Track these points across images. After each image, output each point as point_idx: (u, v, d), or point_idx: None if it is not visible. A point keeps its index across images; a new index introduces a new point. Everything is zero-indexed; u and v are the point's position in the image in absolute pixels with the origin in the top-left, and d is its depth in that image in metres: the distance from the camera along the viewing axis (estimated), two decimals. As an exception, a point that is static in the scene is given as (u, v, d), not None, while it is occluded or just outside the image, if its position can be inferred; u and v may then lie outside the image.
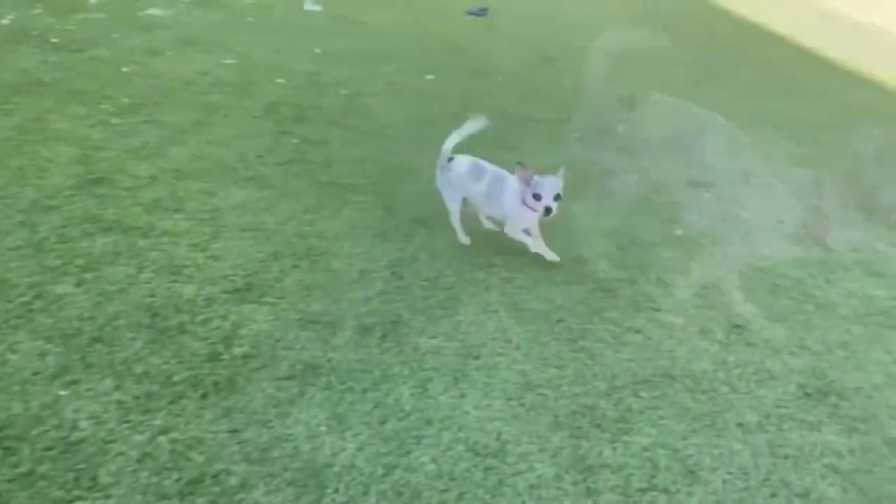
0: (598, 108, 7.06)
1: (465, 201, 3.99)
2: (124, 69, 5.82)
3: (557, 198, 3.57)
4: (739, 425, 2.81)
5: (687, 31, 12.24)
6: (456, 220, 4.00)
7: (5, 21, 6.68)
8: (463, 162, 3.91)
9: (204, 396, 2.60)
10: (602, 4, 12.01)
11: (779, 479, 2.55)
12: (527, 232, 3.89)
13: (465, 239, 3.98)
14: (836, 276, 4.11)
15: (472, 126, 3.92)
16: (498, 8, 11.87)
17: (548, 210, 3.55)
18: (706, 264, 4.11)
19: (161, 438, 2.38)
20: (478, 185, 3.85)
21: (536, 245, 3.87)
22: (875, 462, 2.68)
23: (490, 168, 3.87)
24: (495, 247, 4.03)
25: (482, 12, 11.25)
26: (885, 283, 4.07)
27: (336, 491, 2.29)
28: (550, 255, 3.87)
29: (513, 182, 3.75)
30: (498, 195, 3.81)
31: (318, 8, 9.20)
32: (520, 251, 4.01)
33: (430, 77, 7.41)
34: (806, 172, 5.80)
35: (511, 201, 3.76)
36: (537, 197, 3.57)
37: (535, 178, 3.60)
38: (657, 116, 7.04)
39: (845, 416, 2.91)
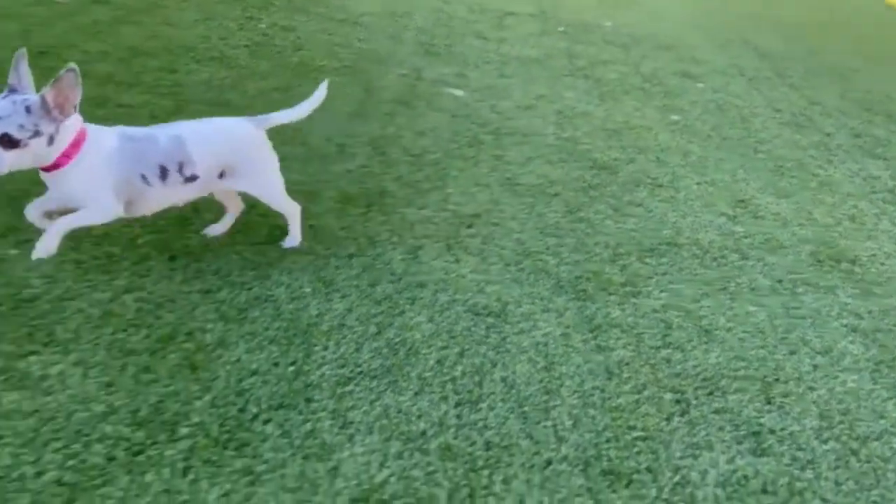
0: (580, 5, 6.72)
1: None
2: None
3: (8, 142, 1.85)
4: (752, 289, 2.64)
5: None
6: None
7: None
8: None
9: (172, 259, 2.32)
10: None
11: (797, 337, 2.40)
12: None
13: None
14: (837, 158, 3.95)
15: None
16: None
17: None
18: (706, 147, 3.91)
19: (126, 297, 2.11)
20: None
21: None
22: (895, 323, 2.54)
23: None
24: (483, 125, 3.76)
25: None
26: (887, 165, 3.91)
27: (325, 348, 2.07)
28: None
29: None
30: None
31: None
32: (512, 129, 3.75)
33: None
34: (799, 67, 5.59)
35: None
36: None
37: None
38: (645, 13, 6.73)
39: (860, 281, 2.76)
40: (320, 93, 2.44)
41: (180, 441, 1.70)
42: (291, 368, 1.98)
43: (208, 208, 2.54)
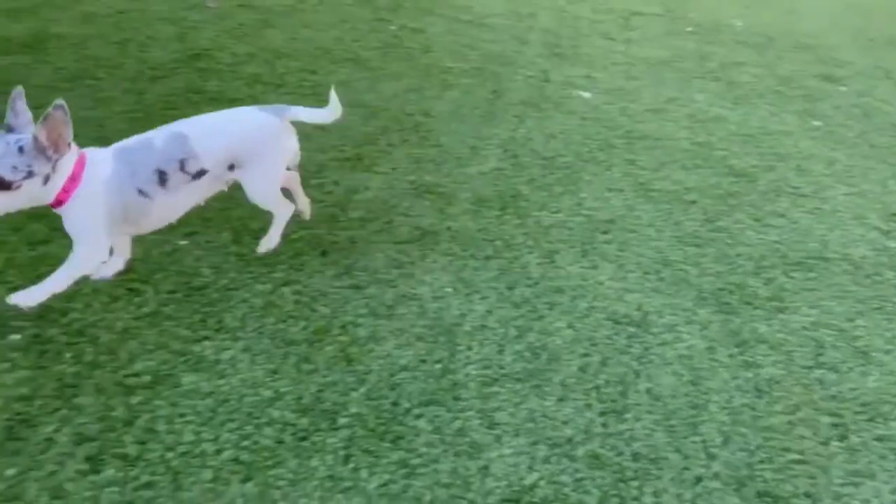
0: (709, 3, 6.48)
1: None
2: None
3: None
4: (912, 310, 2.48)
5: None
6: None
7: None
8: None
9: (324, 254, 2.45)
10: None
11: (967, 366, 2.23)
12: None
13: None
14: None
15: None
16: None
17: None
18: (852, 155, 3.69)
19: (284, 289, 2.25)
20: None
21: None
22: None
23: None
24: (613, 128, 3.71)
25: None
26: None
27: (469, 348, 2.12)
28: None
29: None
30: None
31: None
32: (643, 133, 3.68)
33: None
34: (956, 69, 5.17)
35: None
36: None
37: None
38: (778, 12, 6.41)
39: None
40: (335, 104, 2.28)
41: (340, 430, 1.80)
42: (438, 366, 2.04)
43: (356, 206, 2.65)
